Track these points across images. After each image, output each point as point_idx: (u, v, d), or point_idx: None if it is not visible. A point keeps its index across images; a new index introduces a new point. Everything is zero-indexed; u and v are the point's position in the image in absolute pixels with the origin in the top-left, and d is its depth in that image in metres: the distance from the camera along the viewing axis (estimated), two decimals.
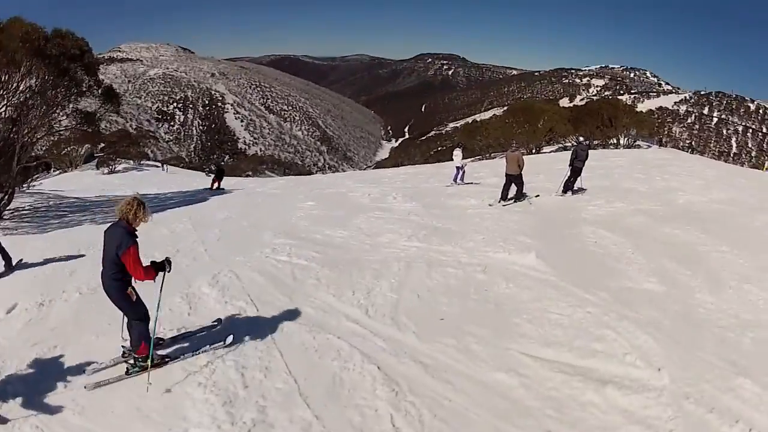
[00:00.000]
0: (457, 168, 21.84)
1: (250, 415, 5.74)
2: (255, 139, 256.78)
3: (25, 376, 6.68)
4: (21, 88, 19.91)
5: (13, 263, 12.00)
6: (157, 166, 67.03)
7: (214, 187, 30.96)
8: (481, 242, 11.61)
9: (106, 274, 6.19)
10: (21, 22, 19.20)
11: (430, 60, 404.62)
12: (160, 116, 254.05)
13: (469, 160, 36.03)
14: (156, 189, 31.80)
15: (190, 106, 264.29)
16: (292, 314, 8.05)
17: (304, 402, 5.95)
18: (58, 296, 9.40)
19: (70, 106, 21.92)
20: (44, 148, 43.66)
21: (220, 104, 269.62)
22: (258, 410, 5.82)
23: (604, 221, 13.81)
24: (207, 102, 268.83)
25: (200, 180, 48.45)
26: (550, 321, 7.60)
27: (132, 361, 6.52)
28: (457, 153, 21.98)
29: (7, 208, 21.78)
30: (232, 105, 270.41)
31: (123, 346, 6.87)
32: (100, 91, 22.34)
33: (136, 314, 6.39)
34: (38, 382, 6.51)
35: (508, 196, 16.45)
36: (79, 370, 6.66)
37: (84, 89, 21.44)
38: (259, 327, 7.61)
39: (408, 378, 6.34)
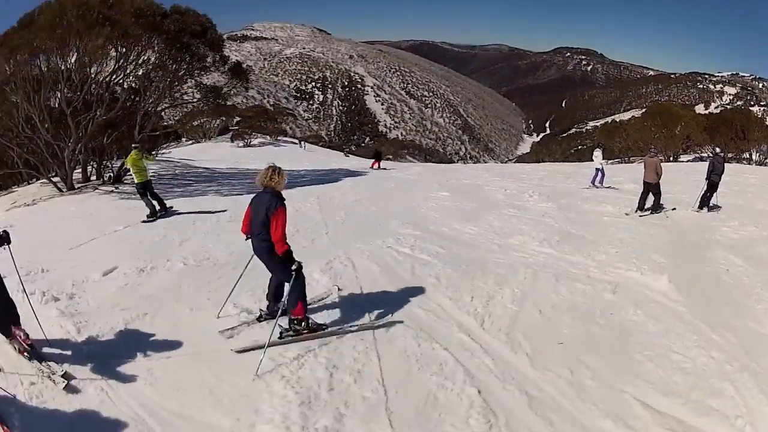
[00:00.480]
0: (597, 170, 21.25)
1: (324, 422, 5.29)
2: (396, 123, 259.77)
3: (105, 340, 6.77)
4: (140, 60, 20.94)
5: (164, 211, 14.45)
6: (295, 143, 69.04)
7: (375, 167, 34.33)
8: (615, 256, 10.74)
9: (257, 238, 6.58)
10: None
11: (568, 54, 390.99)
12: (298, 94, 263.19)
13: (608, 162, 34.80)
14: (290, 165, 32.45)
15: (329, 86, 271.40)
16: (401, 314, 7.52)
17: (388, 418, 5.39)
18: (161, 264, 9.57)
19: (193, 80, 22.87)
20: (175, 119, 46.16)
21: (359, 86, 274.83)
22: (335, 418, 5.36)
23: (737, 246, 12.33)
24: (346, 83, 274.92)
25: (338, 159, 49.40)
26: (672, 363, 6.65)
27: (287, 325, 6.73)
28: (597, 154, 21.54)
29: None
30: (372, 88, 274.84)
31: (261, 310, 7.28)
32: (227, 67, 23.08)
33: (289, 275, 6.55)
34: (117, 348, 6.55)
35: (645, 206, 15.66)
36: (164, 341, 6.68)
37: (208, 64, 22.23)
38: (363, 324, 7.18)
39: (508, 410, 5.62)
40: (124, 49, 20.31)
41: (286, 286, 6.73)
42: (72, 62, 19.64)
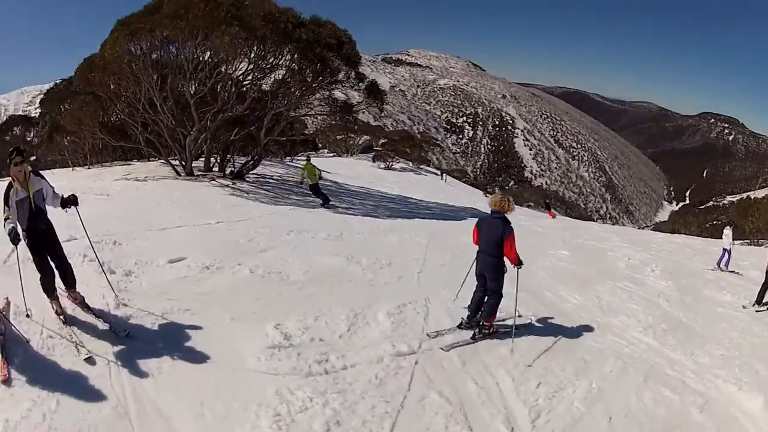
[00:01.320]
0: (724, 250, 19.25)
1: None
2: (542, 170, 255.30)
3: (135, 322, 6.84)
4: (272, 64, 21.49)
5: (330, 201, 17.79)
6: (436, 174, 68.50)
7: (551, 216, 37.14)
8: (719, 359, 9.08)
9: (486, 254, 7.90)
10: (264, 3, 20.55)
11: (712, 120, 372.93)
12: (448, 126, 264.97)
13: (738, 242, 32.11)
14: (423, 195, 31.94)
15: (480, 123, 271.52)
16: (447, 384, 6.52)
17: None
18: (229, 266, 9.33)
19: (324, 92, 23.01)
20: (319, 129, 47.24)
21: (509, 127, 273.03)
22: None
23: None
24: (497, 123, 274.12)
25: (476, 198, 47.87)
26: None
27: (478, 329, 7.91)
28: (728, 233, 19.62)
29: (252, 171, 23.36)
30: (521, 131, 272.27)
31: (462, 318, 8.22)
32: (362, 85, 23.09)
33: (499, 290, 7.88)
34: (142, 333, 6.63)
35: (763, 300, 13.55)
36: (189, 341, 6.61)
37: (340, 79, 22.26)
38: (390, 394, 6.18)
39: None
40: (255, 50, 20.82)
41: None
42: (199, 54, 20.41)
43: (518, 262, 7.79)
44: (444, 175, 69.03)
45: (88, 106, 26.25)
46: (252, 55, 20.94)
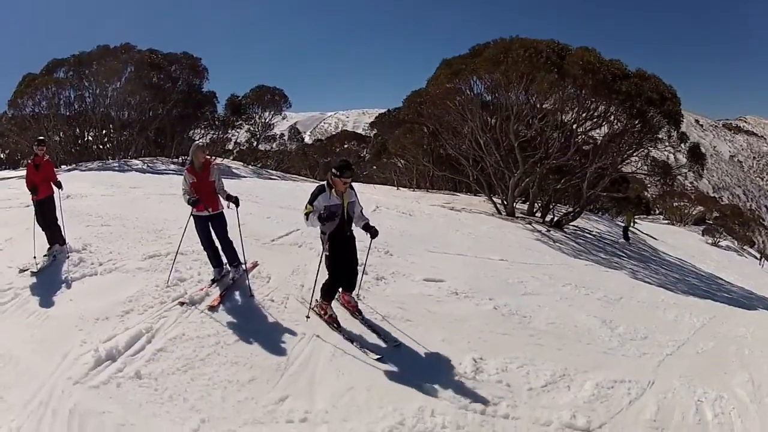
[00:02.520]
0: None
1: None
2: None
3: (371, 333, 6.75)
4: (593, 115, 20.30)
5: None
6: (756, 259, 59.22)
7: None
8: None
9: None
10: (586, 53, 19.34)
11: None
12: None
13: None
14: (733, 278, 26.31)
15: None
16: None
17: None
18: (478, 298, 8.59)
19: (641, 151, 21.29)
20: (654, 194, 43.42)
21: None
22: None
23: None
24: None
25: None
26: None
27: None
28: None
29: (571, 223, 22.58)
30: None
31: None
32: (685, 145, 20.87)
33: None
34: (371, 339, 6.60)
35: None
36: (381, 341, 6.53)
37: (660, 137, 20.26)
38: None
39: None
40: (579, 100, 20.09)
41: None
42: (524, 99, 20.28)
43: None
44: (763, 260, 58.69)
45: (411, 134, 28.07)
46: (576, 107, 20.28)
